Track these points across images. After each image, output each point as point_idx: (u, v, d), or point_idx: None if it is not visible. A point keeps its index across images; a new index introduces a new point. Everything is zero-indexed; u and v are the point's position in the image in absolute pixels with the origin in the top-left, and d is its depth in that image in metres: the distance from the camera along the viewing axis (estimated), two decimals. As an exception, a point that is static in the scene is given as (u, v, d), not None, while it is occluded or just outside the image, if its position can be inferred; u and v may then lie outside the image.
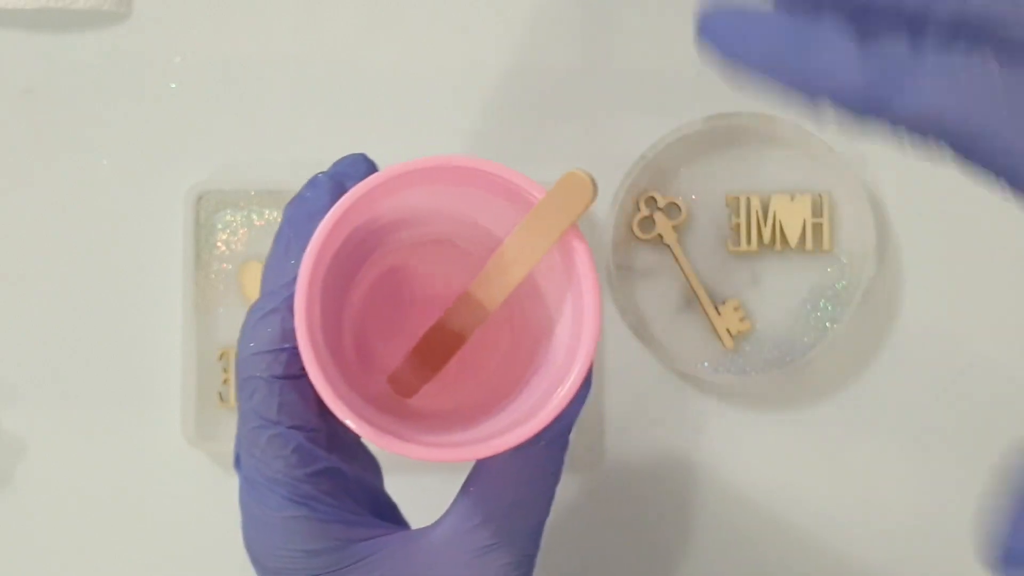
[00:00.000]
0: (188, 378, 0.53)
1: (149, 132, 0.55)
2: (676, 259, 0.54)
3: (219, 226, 0.54)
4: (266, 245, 0.54)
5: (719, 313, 0.54)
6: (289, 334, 0.36)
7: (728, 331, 0.54)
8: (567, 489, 0.55)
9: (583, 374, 0.35)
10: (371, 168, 0.40)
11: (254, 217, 0.54)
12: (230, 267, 0.54)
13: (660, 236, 0.54)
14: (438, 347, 0.40)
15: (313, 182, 0.40)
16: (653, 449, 0.55)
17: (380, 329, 0.43)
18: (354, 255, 0.40)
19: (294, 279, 0.36)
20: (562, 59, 0.55)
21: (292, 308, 0.35)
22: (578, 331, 0.36)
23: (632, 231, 0.54)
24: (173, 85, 0.55)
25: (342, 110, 0.55)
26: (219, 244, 0.54)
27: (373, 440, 0.35)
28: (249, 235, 0.54)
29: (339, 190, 0.38)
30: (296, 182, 0.54)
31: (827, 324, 0.54)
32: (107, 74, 0.55)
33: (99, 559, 0.54)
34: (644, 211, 0.54)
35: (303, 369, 0.35)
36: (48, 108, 0.55)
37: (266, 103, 0.55)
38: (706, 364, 0.54)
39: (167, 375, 0.54)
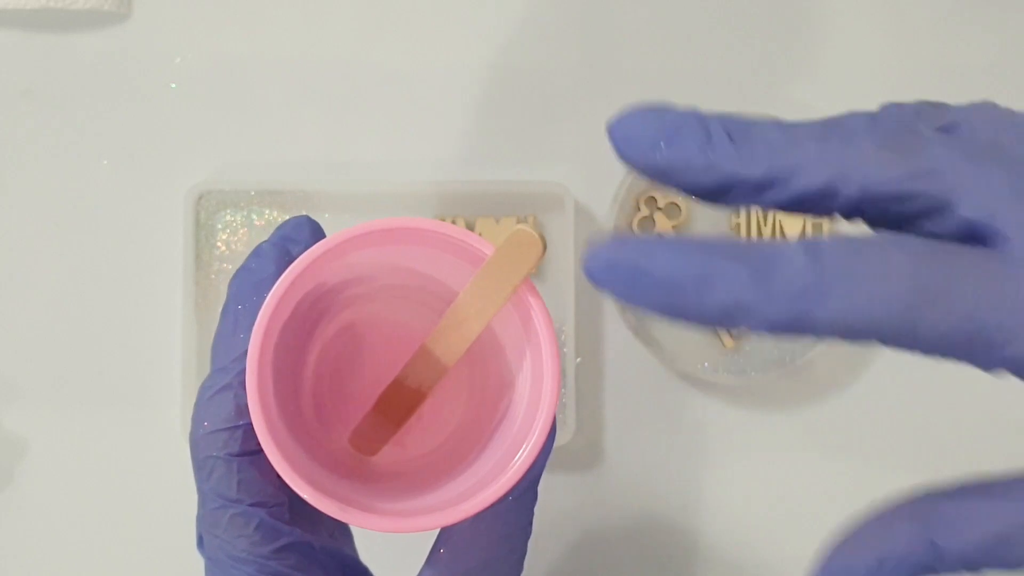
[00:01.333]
0: (188, 378, 0.53)
1: (149, 132, 0.55)
2: (676, 259, 0.54)
3: (219, 226, 0.54)
4: (266, 245, 0.54)
5: (719, 313, 0.54)
6: (243, 410, 0.36)
7: (728, 331, 0.54)
8: (567, 489, 0.55)
9: (545, 433, 0.35)
10: (315, 230, 0.40)
11: (254, 217, 0.54)
12: (230, 267, 0.54)
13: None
14: (398, 404, 0.39)
15: (257, 252, 0.38)
16: (653, 449, 0.55)
17: (341, 385, 0.43)
18: (308, 316, 0.39)
19: (244, 353, 0.35)
20: (562, 59, 0.55)
21: (244, 383, 0.35)
22: (538, 388, 0.36)
23: (632, 231, 0.54)
24: (173, 85, 0.55)
25: (342, 110, 0.55)
26: (219, 244, 0.54)
27: (335, 515, 0.34)
28: (249, 235, 0.54)
29: (284, 258, 0.37)
30: (296, 182, 0.54)
31: (827, 324, 0.54)
32: (107, 74, 0.55)
33: (99, 557, 0.54)
34: (644, 211, 0.54)
35: (260, 445, 0.35)
36: (48, 108, 0.55)
37: (266, 103, 0.55)
38: (706, 364, 0.54)
39: (167, 375, 0.54)
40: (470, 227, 0.54)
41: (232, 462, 0.36)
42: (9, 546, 0.54)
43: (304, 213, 0.41)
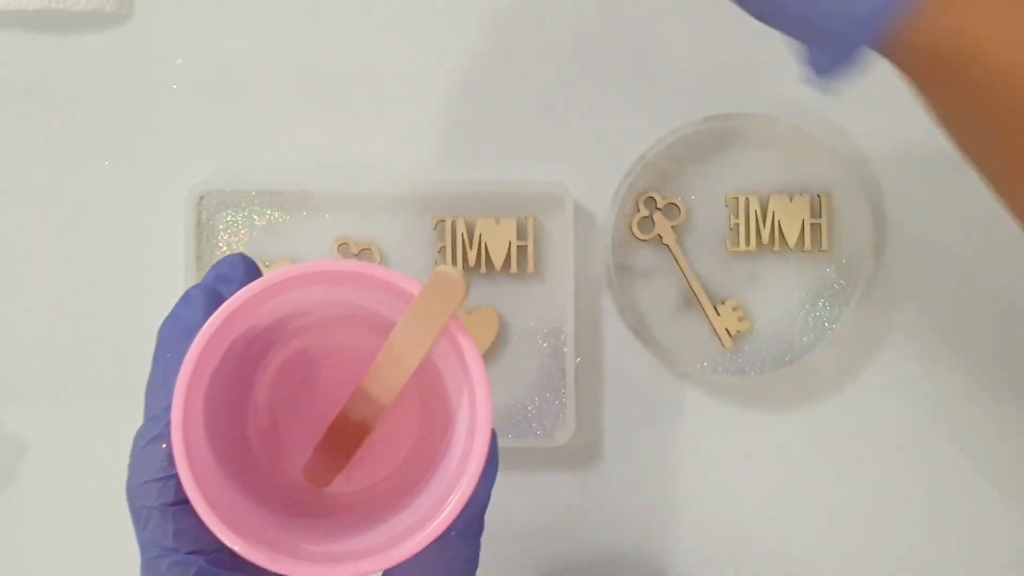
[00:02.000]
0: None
1: (150, 133, 0.55)
2: (675, 259, 0.54)
3: (220, 226, 0.54)
4: (267, 245, 0.54)
5: (718, 313, 0.54)
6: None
7: (727, 331, 0.54)
8: (567, 489, 0.55)
9: (477, 472, 0.36)
10: (249, 268, 0.40)
11: (255, 217, 0.54)
12: (231, 267, 0.54)
13: (659, 236, 0.54)
14: (345, 437, 0.40)
15: (186, 297, 0.38)
16: (653, 449, 0.55)
17: (297, 413, 0.43)
18: (248, 353, 0.40)
19: None
20: (562, 60, 0.55)
21: None
22: (472, 427, 0.36)
23: (632, 231, 0.54)
24: (174, 86, 0.55)
25: (342, 111, 0.55)
26: (220, 244, 0.54)
27: (265, 565, 0.35)
28: (250, 235, 0.54)
29: (215, 302, 0.37)
30: (296, 182, 0.54)
31: (826, 324, 0.54)
32: (108, 75, 0.55)
33: (100, 557, 0.54)
34: (643, 211, 0.54)
35: None
36: (50, 109, 0.55)
37: (267, 104, 0.55)
38: (705, 364, 0.54)
39: (168, 375, 0.54)
40: (470, 227, 0.54)
41: (167, 511, 0.36)
42: (9, 546, 0.55)
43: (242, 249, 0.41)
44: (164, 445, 0.36)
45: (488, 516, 0.55)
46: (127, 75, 0.55)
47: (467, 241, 0.54)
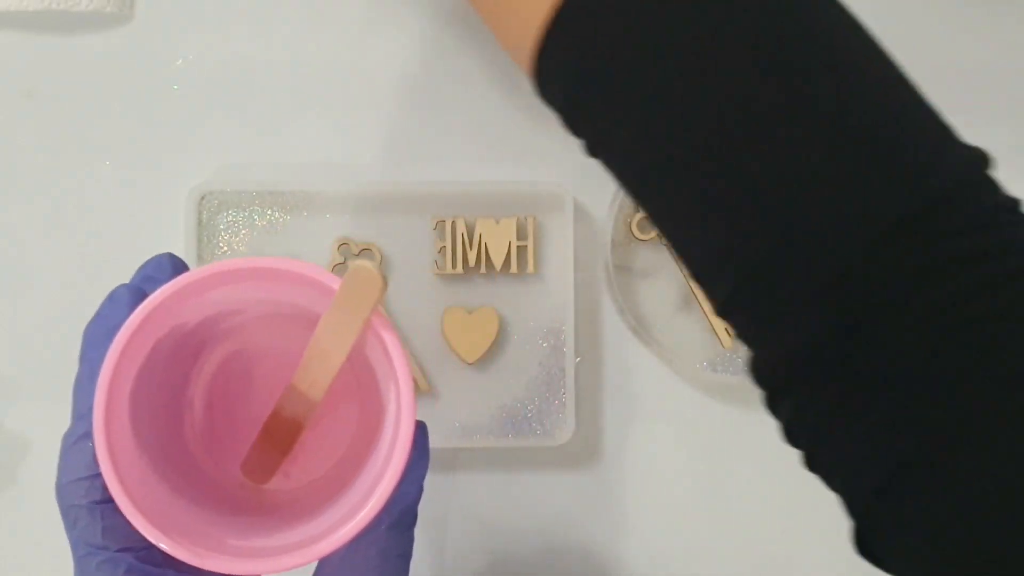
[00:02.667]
0: (190, 378, 0.53)
1: (151, 133, 0.55)
2: (675, 259, 0.54)
3: (221, 226, 0.54)
4: (268, 245, 0.54)
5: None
6: None
7: (727, 331, 0.54)
8: (567, 489, 0.55)
9: (400, 468, 0.36)
10: (178, 267, 0.40)
11: (256, 217, 0.54)
12: (231, 267, 0.54)
13: (659, 236, 0.54)
14: (280, 434, 0.40)
15: (111, 297, 0.38)
16: (653, 449, 0.55)
17: (235, 412, 0.43)
18: (180, 353, 0.40)
19: None
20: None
21: None
22: (397, 420, 0.37)
23: (631, 231, 0.54)
24: (175, 87, 0.55)
25: (342, 111, 0.55)
26: (221, 244, 0.54)
27: (191, 562, 0.35)
28: (251, 235, 0.54)
29: (140, 299, 0.37)
30: (297, 182, 0.54)
31: (825, 324, 0.54)
32: (109, 76, 0.55)
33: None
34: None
35: None
36: (51, 109, 0.55)
37: (267, 104, 0.55)
38: (705, 364, 0.54)
39: (169, 375, 0.54)
40: (470, 227, 0.54)
41: (95, 509, 0.36)
42: (10, 546, 0.55)
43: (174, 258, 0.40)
44: (91, 443, 0.36)
45: (488, 515, 0.55)
46: (128, 76, 0.55)
47: (467, 241, 0.54)
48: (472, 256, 0.54)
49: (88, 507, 0.36)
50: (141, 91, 0.55)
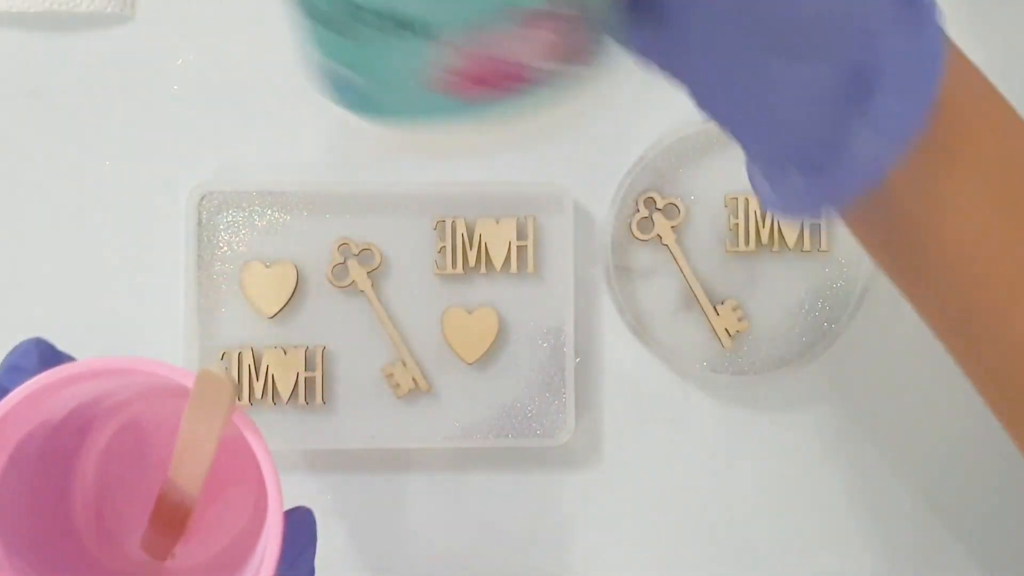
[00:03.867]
0: (190, 378, 0.53)
1: (152, 133, 0.55)
2: (675, 259, 0.54)
3: (221, 227, 0.54)
4: (268, 245, 0.54)
5: (718, 313, 0.54)
6: None
7: (727, 331, 0.54)
8: (567, 489, 0.55)
9: (272, 563, 0.36)
10: (43, 354, 0.39)
11: (256, 218, 0.54)
12: (232, 267, 0.54)
13: (659, 236, 0.54)
14: (171, 514, 0.40)
15: None
16: (653, 449, 0.55)
17: (133, 486, 0.43)
18: (57, 442, 0.39)
19: None
20: (562, 61, 0.55)
21: None
22: (269, 518, 0.36)
23: (631, 231, 0.54)
24: (176, 87, 0.55)
25: (342, 111, 0.55)
26: (221, 244, 0.54)
27: None
28: (251, 236, 0.54)
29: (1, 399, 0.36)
30: (297, 182, 0.54)
31: (825, 324, 0.54)
32: (110, 76, 0.55)
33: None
34: (643, 211, 0.54)
35: None
36: (52, 109, 0.55)
37: (268, 105, 0.55)
38: (705, 364, 0.54)
39: (169, 375, 0.54)
40: (470, 227, 0.54)
41: None
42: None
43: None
44: None
45: (488, 515, 0.55)
46: (128, 76, 0.55)
47: (467, 241, 0.54)
48: (472, 256, 0.54)
49: None
50: (141, 91, 0.55)
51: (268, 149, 0.55)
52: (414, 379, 0.54)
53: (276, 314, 0.54)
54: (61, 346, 0.55)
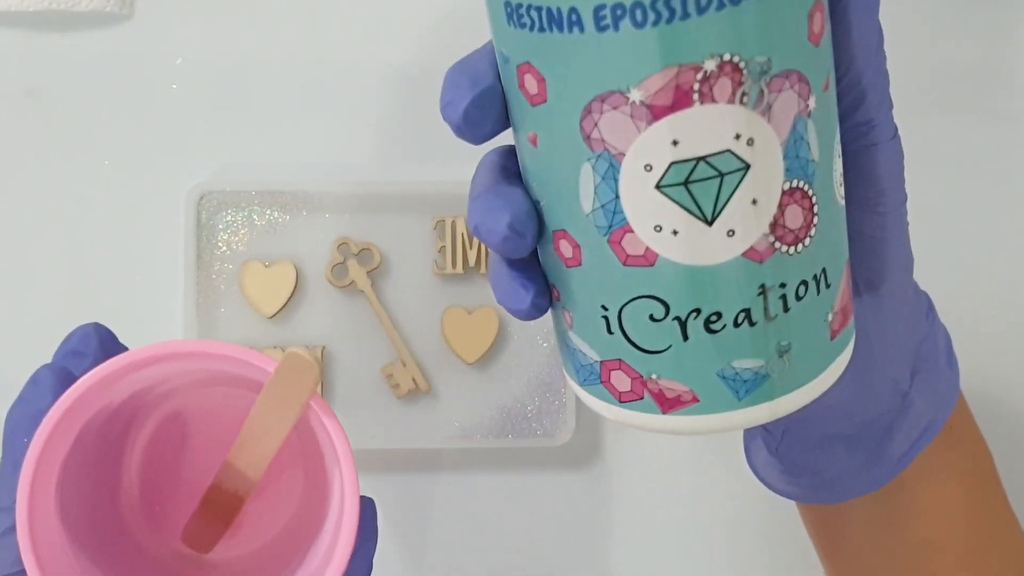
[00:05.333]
0: (189, 378, 0.53)
1: (151, 133, 0.55)
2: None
3: (220, 226, 0.54)
4: (267, 245, 0.54)
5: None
6: None
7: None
8: (567, 489, 0.55)
9: (344, 562, 0.35)
10: (104, 338, 0.38)
11: (255, 217, 0.54)
12: (231, 267, 0.54)
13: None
14: (221, 506, 0.39)
15: (34, 380, 0.37)
16: (653, 449, 0.55)
17: (177, 476, 0.42)
18: (110, 428, 0.39)
19: None
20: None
21: None
22: (341, 510, 0.36)
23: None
24: (175, 86, 0.55)
25: (342, 110, 0.55)
26: (220, 244, 0.54)
27: None
28: (250, 235, 0.54)
29: (64, 382, 0.36)
30: (297, 182, 0.54)
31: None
32: (109, 75, 0.55)
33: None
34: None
35: None
36: (50, 109, 0.55)
37: (267, 104, 0.55)
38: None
39: (168, 375, 0.54)
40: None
41: None
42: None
43: (92, 322, 0.39)
44: (16, 538, 0.35)
45: (488, 516, 0.55)
46: (128, 75, 0.55)
47: (467, 241, 0.54)
48: (472, 256, 0.54)
49: None
50: (141, 90, 0.55)
51: (267, 148, 0.55)
52: (414, 379, 0.54)
53: (275, 314, 0.54)
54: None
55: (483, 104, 0.30)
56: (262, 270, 0.54)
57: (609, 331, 0.30)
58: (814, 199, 0.29)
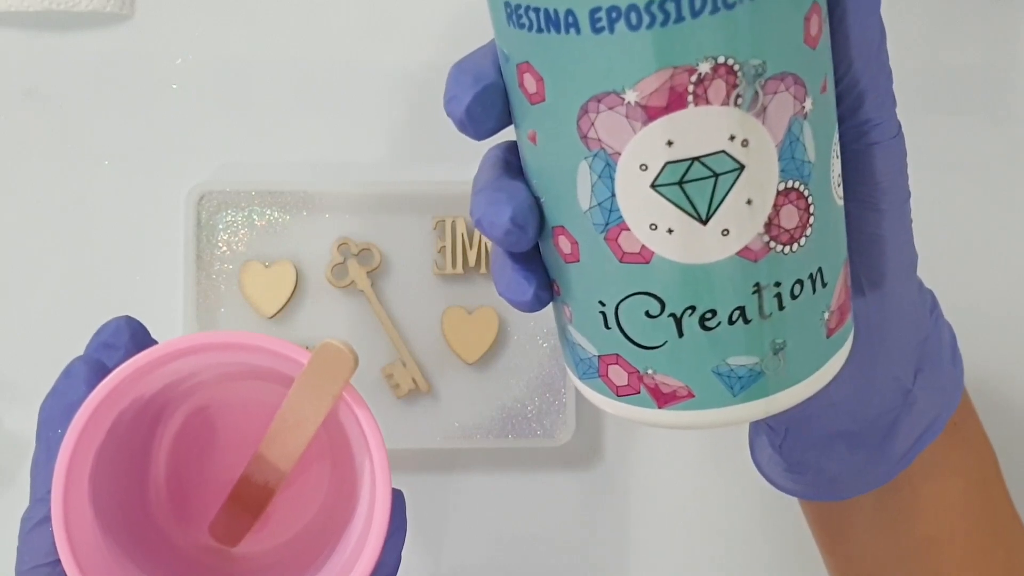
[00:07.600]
0: (189, 378, 0.53)
1: (151, 133, 0.55)
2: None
3: (220, 226, 0.54)
4: (267, 245, 0.54)
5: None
6: None
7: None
8: (567, 489, 0.55)
9: (376, 552, 0.35)
10: (136, 333, 0.38)
11: (255, 217, 0.54)
12: (231, 267, 0.54)
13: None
14: (250, 497, 0.39)
15: (67, 372, 0.37)
16: (653, 449, 0.55)
17: (203, 470, 0.42)
18: (139, 421, 0.39)
19: None
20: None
21: None
22: (372, 500, 0.36)
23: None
24: (175, 86, 0.55)
25: (342, 110, 0.55)
26: (220, 244, 0.54)
27: None
28: (250, 235, 0.54)
29: (97, 374, 0.36)
30: (297, 182, 0.54)
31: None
32: (109, 75, 0.55)
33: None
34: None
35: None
36: (50, 109, 0.55)
37: (267, 104, 0.55)
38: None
39: (168, 375, 0.54)
40: (470, 227, 0.54)
41: None
42: (10, 546, 0.54)
43: (123, 315, 0.39)
44: (50, 528, 0.35)
45: (488, 516, 0.55)
46: (128, 75, 0.55)
47: (467, 241, 0.54)
48: (472, 256, 0.54)
49: None
50: (141, 90, 0.55)
51: (267, 148, 0.55)
52: (414, 379, 0.54)
53: (275, 314, 0.54)
54: (59, 345, 0.54)
55: (486, 100, 0.30)
56: (262, 270, 0.54)
57: (606, 326, 0.30)
58: (810, 199, 0.29)
